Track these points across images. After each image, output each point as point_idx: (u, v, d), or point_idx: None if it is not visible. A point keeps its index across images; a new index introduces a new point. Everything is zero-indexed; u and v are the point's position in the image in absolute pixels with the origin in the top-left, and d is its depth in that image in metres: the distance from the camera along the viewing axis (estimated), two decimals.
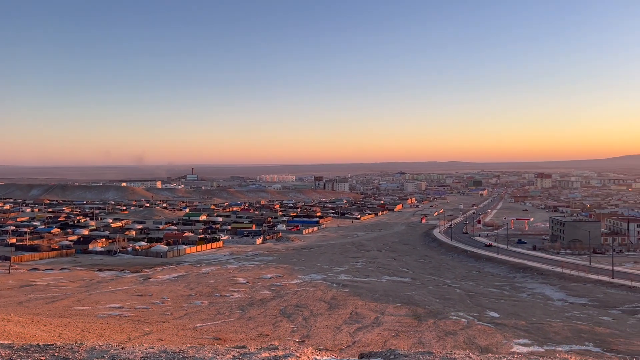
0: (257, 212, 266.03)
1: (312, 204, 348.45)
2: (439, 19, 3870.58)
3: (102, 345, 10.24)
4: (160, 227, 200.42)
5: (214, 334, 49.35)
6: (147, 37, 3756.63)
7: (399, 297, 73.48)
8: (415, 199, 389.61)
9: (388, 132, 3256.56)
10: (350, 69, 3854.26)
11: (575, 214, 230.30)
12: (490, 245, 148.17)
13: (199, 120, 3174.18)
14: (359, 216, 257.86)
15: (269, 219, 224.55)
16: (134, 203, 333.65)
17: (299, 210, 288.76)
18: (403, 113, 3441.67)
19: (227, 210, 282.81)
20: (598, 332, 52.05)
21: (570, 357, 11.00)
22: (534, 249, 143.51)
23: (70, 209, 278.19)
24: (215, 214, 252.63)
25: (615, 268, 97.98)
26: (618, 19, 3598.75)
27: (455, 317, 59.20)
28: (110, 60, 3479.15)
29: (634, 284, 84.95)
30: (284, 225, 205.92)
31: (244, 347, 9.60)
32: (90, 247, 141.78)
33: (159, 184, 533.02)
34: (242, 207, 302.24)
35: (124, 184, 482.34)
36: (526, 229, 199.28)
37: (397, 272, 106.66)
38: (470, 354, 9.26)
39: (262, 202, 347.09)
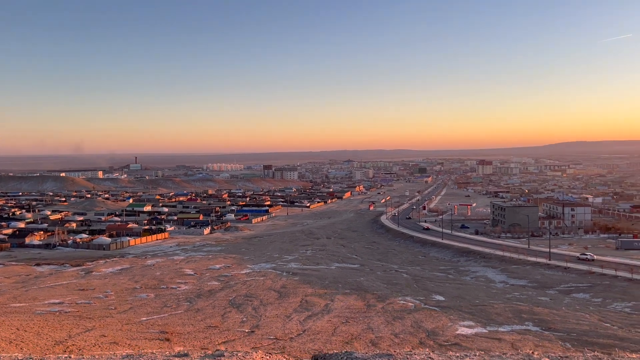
0: (204, 202, 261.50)
1: (261, 192, 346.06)
2: (386, 4, 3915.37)
3: (21, 358, 9.44)
4: (103, 218, 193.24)
5: (161, 327, 48.09)
6: (79, 20, 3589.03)
7: (348, 284, 74.22)
8: (363, 187, 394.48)
9: (337, 121, 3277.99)
10: (297, 58, 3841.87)
11: (514, 199, 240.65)
12: (428, 229, 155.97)
13: (142, 108, 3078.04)
14: (308, 204, 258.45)
15: (217, 208, 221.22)
16: (74, 194, 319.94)
17: (247, 199, 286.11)
18: (351, 102, 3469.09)
19: (173, 200, 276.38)
20: (537, 312, 54.52)
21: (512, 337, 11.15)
22: (477, 233, 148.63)
23: (4, 201, 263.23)
24: (160, 205, 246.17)
25: (552, 250, 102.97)
26: (543, 13, 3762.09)
27: (402, 302, 60.41)
28: (39, 42, 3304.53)
29: (569, 265, 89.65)
30: (233, 215, 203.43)
31: (186, 354, 9.06)
32: (27, 240, 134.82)
33: (100, 174, 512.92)
34: (189, 197, 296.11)
35: (62, 174, 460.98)
36: (469, 214, 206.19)
37: (346, 259, 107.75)
38: (431, 354, 9.16)
39: (210, 192, 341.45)
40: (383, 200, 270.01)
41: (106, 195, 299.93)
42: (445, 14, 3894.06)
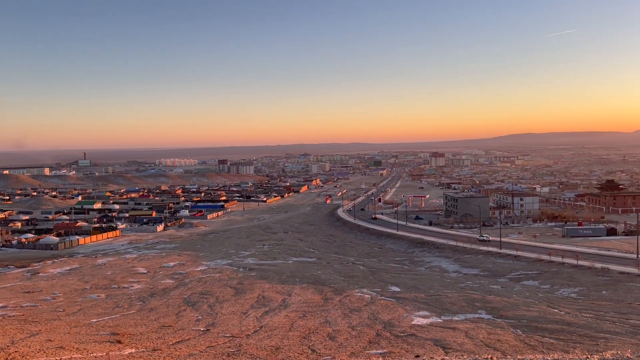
0: (157, 198, 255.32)
1: (216, 188, 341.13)
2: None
3: None
4: (50, 217, 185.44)
5: (112, 329, 46.43)
6: (20, 8, 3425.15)
7: (305, 278, 74.07)
8: (320, 180, 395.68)
9: (293, 115, 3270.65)
10: (251, 51, 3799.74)
11: (466, 190, 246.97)
12: (375, 218, 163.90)
13: (90, 101, 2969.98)
14: (265, 199, 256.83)
15: (170, 204, 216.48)
16: (19, 192, 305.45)
17: (202, 194, 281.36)
18: (307, 96, 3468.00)
19: (125, 197, 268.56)
20: (489, 300, 55.99)
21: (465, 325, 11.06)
22: (430, 224, 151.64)
23: None
24: (111, 202, 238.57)
25: (502, 239, 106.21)
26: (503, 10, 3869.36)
27: (359, 294, 60.76)
28: None
29: (519, 253, 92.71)
30: (187, 211, 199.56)
31: None
32: None
33: (47, 171, 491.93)
34: (141, 193, 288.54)
35: (6, 172, 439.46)
36: (423, 205, 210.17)
37: (304, 252, 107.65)
38: None
39: (163, 188, 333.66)
40: (340, 194, 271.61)
41: (53, 193, 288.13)
42: (393, 9, 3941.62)
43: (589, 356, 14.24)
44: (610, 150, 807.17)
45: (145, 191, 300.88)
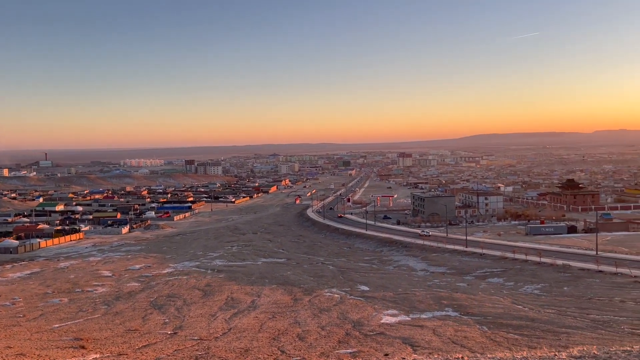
0: (122, 200, 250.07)
1: (183, 188, 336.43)
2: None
3: None
4: (9, 219, 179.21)
5: (75, 334, 45.18)
6: None
7: (275, 279, 73.77)
8: (290, 180, 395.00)
9: (261, 115, 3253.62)
10: (219, 51, 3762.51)
11: (433, 190, 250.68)
12: (341, 217, 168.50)
13: (51, 100, 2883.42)
14: (233, 199, 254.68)
15: (136, 206, 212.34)
16: None
17: (169, 195, 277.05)
18: (275, 96, 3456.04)
19: (88, 198, 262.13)
20: (456, 297, 56.93)
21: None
22: (398, 223, 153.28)
23: None
24: (74, 203, 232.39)
25: (468, 237, 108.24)
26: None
27: (329, 294, 60.87)
28: None
29: (484, 251, 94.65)
30: (153, 212, 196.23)
31: None
32: None
33: (5, 172, 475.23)
34: (105, 194, 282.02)
35: None
36: (391, 205, 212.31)
37: (273, 253, 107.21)
38: None
39: (128, 189, 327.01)
40: (309, 194, 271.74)
41: (13, 195, 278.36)
42: (356, 7, 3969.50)
43: (556, 353, 14.64)
44: (570, 150, 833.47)
45: (110, 192, 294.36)
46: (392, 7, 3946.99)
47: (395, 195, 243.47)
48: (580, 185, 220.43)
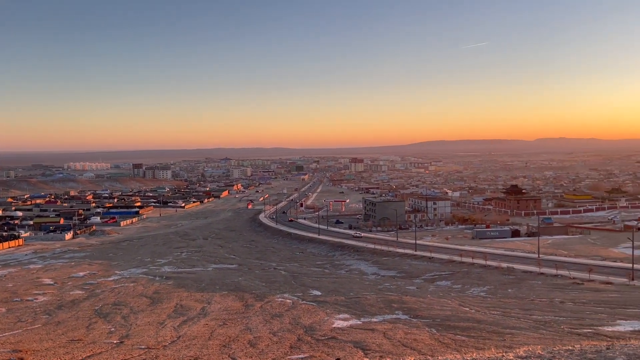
0: (65, 204, 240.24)
1: (130, 193, 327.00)
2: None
3: None
4: None
5: (13, 345, 42.87)
6: None
7: (225, 285, 72.73)
8: (242, 185, 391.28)
9: (213, 119, 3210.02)
10: (172, 52, 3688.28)
11: (384, 195, 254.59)
12: (292, 221, 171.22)
13: None
14: (183, 204, 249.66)
15: (80, 211, 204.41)
16: None
17: (115, 200, 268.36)
18: (227, 99, 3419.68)
19: (29, 203, 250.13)
20: (405, 300, 57.90)
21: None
22: (350, 228, 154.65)
23: None
24: (13, 208, 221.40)
25: (417, 242, 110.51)
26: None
27: (281, 299, 60.54)
28: None
29: (433, 255, 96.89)
30: (99, 218, 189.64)
31: None
32: None
33: None
34: (47, 199, 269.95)
35: None
36: (343, 210, 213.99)
37: (224, 259, 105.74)
38: None
39: (72, 193, 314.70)
40: (261, 199, 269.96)
41: None
42: (308, 11, 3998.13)
43: (504, 354, 15.11)
44: (513, 157, 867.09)
45: (52, 197, 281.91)
46: (343, 13, 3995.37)
47: (348, 200, 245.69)
48: (523, 191, 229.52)
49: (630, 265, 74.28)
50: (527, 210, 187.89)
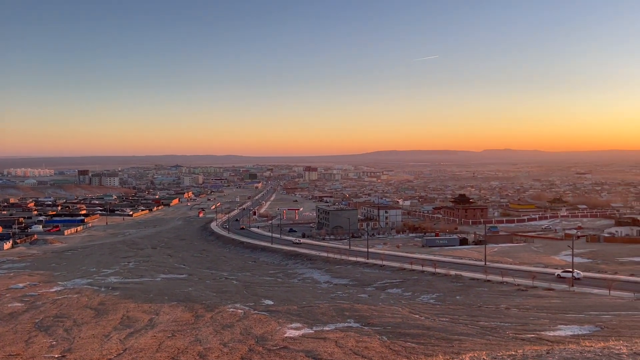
0: (4, 212, 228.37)
1: (75, 201, 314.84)
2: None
3: None
4: None
5: None
6: None
7: (175, 295, 71.01)
8: (193, 193, 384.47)
9: (163, 124, 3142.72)
10: (121, 55, 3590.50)
11: (337, 203, 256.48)
12: (243, 228, 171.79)
13: None
14: (131, 212, 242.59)
15: (21, 219, 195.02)
16: None
17: (59, 208, 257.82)
18: (178, 104, 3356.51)
19: None
20: (357, 308, 58.31)
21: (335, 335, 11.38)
22: (304, 236, 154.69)
23: None
24: None
25: (369, 250, 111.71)
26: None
27: (232, 310, 59.66)
28: None
29: (384, 263, 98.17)
30: (41, 226, 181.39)
31: None
32: None
33: None
34: None
35: None
36: (296, 218, 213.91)
37: (174, 269, 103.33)
38: None
39: (12, 200, 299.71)
40: (213, 207, 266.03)
41: None
42: (265, 19, 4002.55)
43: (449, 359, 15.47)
44: (462, 167, 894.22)
45: None
46: (299, 22, 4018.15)
47: (301, 209, 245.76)
48: (471, 200, 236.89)
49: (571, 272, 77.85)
50: (475, 219, 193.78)
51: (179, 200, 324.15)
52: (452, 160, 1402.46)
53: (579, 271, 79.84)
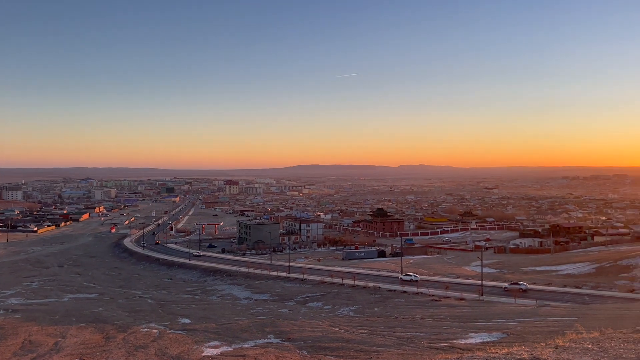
0: None
1: None
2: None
3: None
4: None
5: None
6: None
7: (83, 316, 66.78)
8: (105, 208, 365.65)
9: (72, 134, 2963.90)
10: (26, 58, 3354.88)
11: (259, 218, 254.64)
12: (158, 243, 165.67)
13: None
14: (35, 228, 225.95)
15: None
16: None
17: None
18: (90, 113, 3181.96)
19: None
20: (278, 324, 57.90)
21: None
22: (223, 252, 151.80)
23: None
24: None
25: (291, 264, 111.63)
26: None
27: (146, 330, 57.05)
28: None
29: (305, 276, 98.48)
30: None
31: None
32: None
33: None
34: None
35: None
36: (216, 233, 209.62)
37: (82, 288, 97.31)
38: None
39: None
40: (127, 222, 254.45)
41: None
42: (191, 26, 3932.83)
43: None
44: (380, 182, 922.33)
45: None
46: (219, 31, 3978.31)
47: (221, 223, 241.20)
48: (389, 214, 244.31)
49: (480, 281, 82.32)
50: (392, 232, 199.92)
51: (89, 215, 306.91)
52: (370, 174, 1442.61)
53: (525, 283, 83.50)
